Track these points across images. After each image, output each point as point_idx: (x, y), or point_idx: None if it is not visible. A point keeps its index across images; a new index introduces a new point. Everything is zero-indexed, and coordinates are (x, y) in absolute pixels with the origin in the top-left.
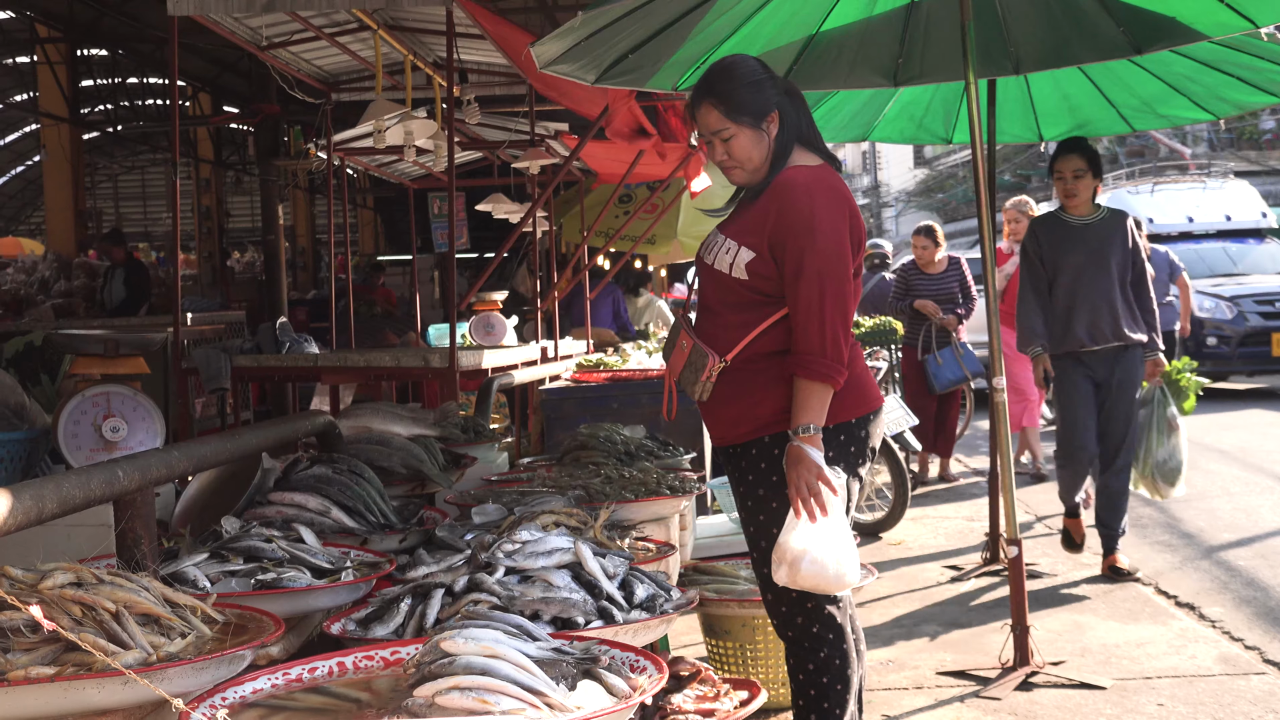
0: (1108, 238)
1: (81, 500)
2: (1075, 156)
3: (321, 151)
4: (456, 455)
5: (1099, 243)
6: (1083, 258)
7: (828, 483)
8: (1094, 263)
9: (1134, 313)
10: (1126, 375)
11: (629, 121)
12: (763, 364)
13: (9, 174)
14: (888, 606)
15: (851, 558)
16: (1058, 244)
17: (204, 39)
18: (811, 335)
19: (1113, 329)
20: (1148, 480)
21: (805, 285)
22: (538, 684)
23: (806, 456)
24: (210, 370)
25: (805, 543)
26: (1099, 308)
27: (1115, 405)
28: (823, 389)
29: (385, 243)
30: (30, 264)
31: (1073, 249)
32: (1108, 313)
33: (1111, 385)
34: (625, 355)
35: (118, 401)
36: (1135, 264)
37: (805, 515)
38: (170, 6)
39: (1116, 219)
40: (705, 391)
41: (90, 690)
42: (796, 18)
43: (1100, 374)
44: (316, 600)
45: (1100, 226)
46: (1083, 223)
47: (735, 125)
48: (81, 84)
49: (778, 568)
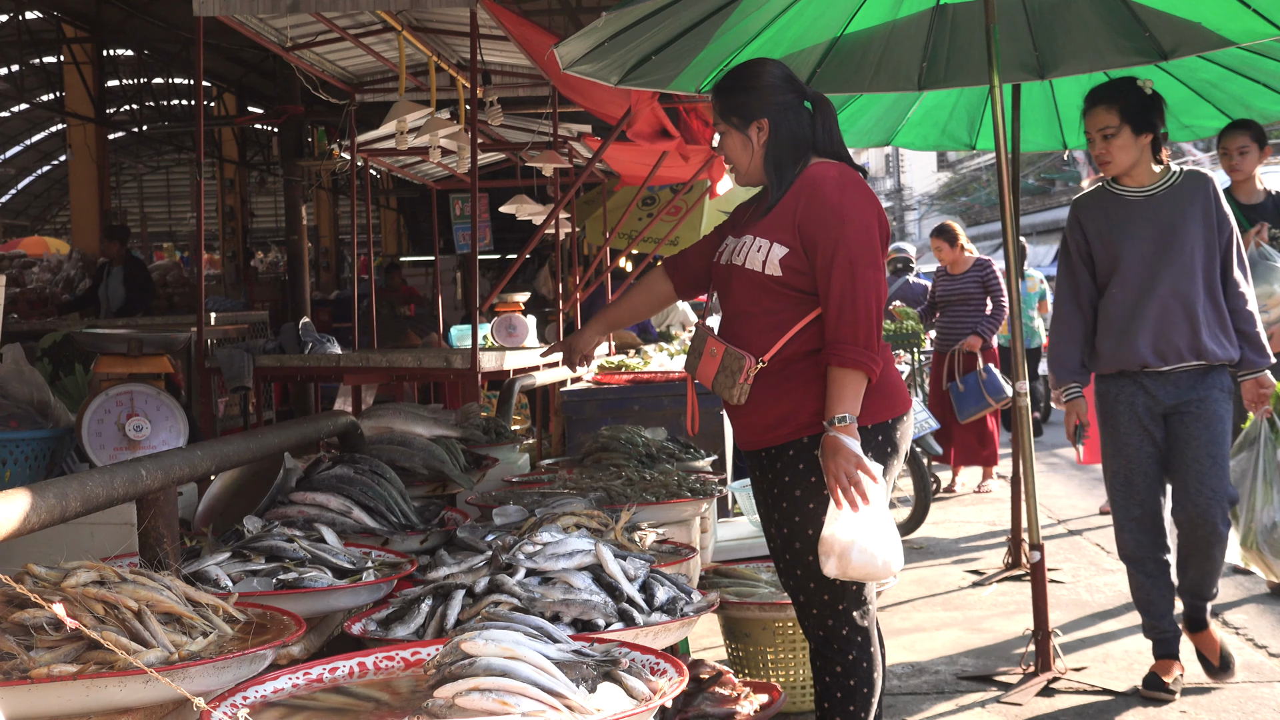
0: (1183, 212)
1: (105, 499)
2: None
3: (345, 152)
4: (478, 456)
5: (1171, 220)
6: (1148, 243)
7: (867, 471)
8: (1165, 248)
9: (1222, 317)
10: (1208, 405)
11: (651, 123)
12: (801, 364)
13: (35, 174)
14: (908, 610)
15: (896, 545)
16: (1112, 227)
17: (229, 39)
18: (844, 324)
19: (1190, 343)
20: (1254, 554)
21: (838, 275)
22: (558, 686)
23: (844, 446)
24: (233, 370)
25: (853, 533)
26: (1172, 312)
27: (1190, 430)
28: (857, 377)
29: (408, 243)
30: (55, 263)
31: (1133, 231)
32: (1184, 319)
33: (1186, 414)
34: (647, 357)
35: (141, 400)
36: (1224, 247)
37: (848, 505)
38: (196, 7)
39: (1193, 185)
40: (743, 394)
41: (112, 688)
42: (821, 20)
43: (1168, 402)
44: (338, 600)
45: (1170, 198)
46: (1144, 194)
47: (724, 124)
48: (107, 84)
49: (826, 560)
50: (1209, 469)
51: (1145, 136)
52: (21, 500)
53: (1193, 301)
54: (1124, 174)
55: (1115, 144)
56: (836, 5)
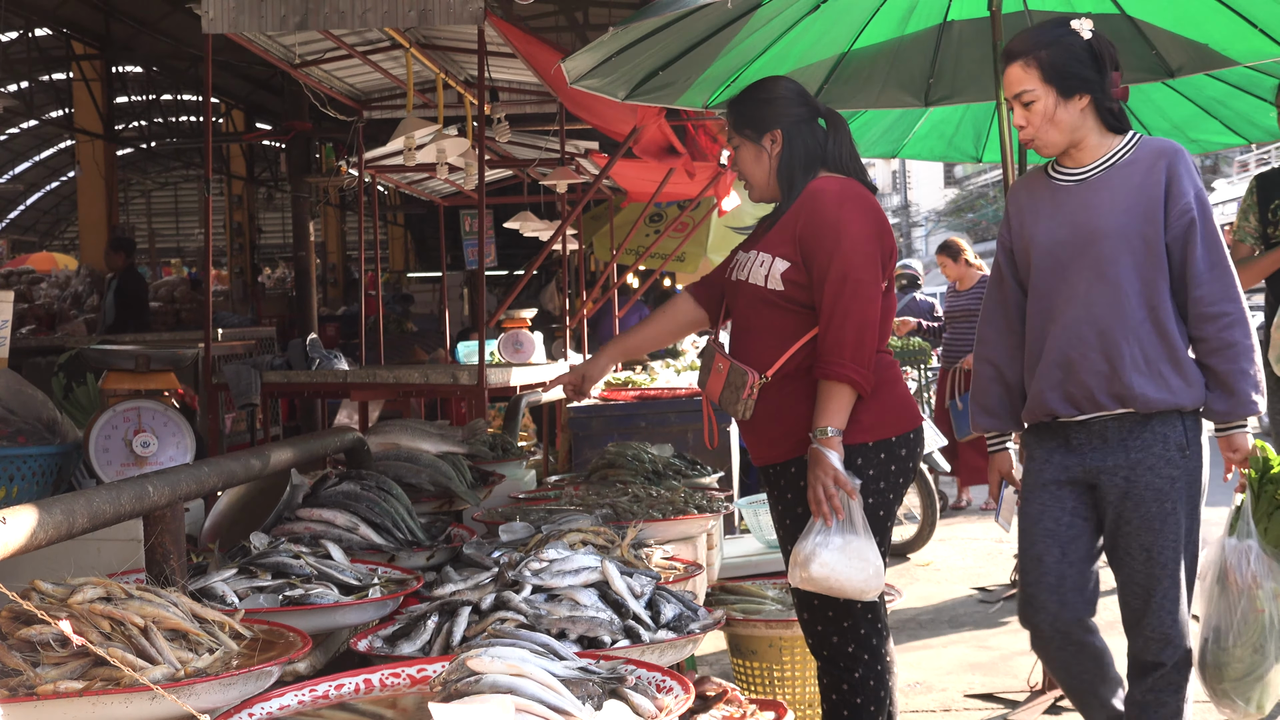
0: (1114, 199)
1: (111, 515)
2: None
3: (353, 168)
4: (484, 473)
5: (1095, 212)
6: (1062, 246)
7: (844, 485)
8: (1080, 251)
9: (1170, 345)
10: (1140, 476)
11: (658, 140)
12: (804, 380)
13: (44, 190)
14: (915, 628)
15: (872, 565)
16: (1026, 224)
17: (238, 56)
18: (832, 336)
19: (1107, 383)
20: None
21: (830, 288)
22: (564, 703)
23: (825, 459)
24: (240, 386)
25: (818, 544)
26: (1083, 340)
27: (1122, 516)
28: (843, 391)
29: (415, 259)
30: (64, 279)
31: (1047, 230)
32: (1098, 350)
33: (1111, 489)
34: (653, 373)
35: (148, 416)
36: (1179, 246)
37: (822, 519)
38: (205, 24)
39: (1145, 159)
40: (748, 410)
41: (118, 705)
42: (828, 36)
43: (1093, 468)
44: (344, 617)
45: (1105, 182)
46: (1074, 178)
47: (739, 137)
48: (116, 101)
49: (791, 569)
50: (1147, 581)
51: (1079, 99)
52: (29, 516)
53: (1111, 325)
54: (1063, 153)
55: (1036, 113)
56: (843, 21)
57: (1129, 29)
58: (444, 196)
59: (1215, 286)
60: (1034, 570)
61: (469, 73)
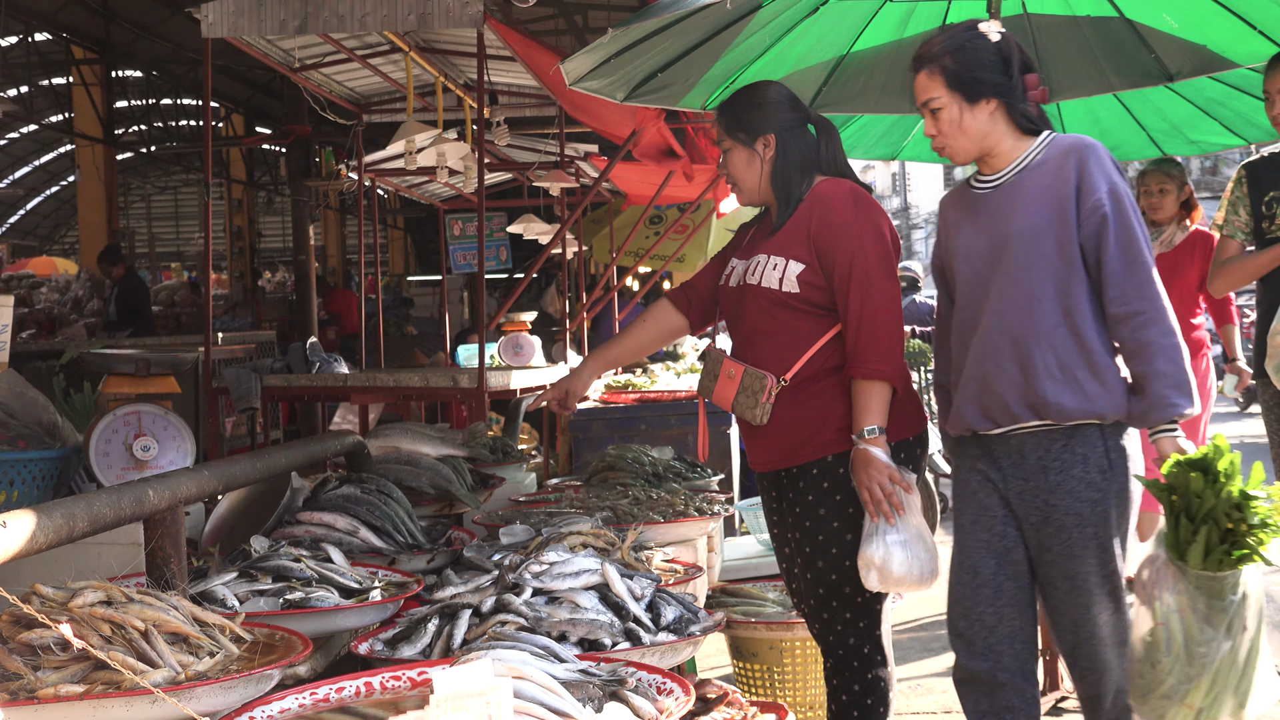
0: (1025, 203)
1: (112, 519)
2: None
3: (352, 172)
4: (485, 476)
5: (1006, 217)
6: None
7: (900, 481)
8: (995, 260)
9: (1089, 351)
10: (1059, 499)
11: (657, 142)
12: (823, 382)
13: (44, 194)
14: (915, 630)
15: (934, 553)
16: (949, 237)
17: (237, 61)
18: (865, 336)
19: (1021, 393)
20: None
21: (856, 288)
22: (564, 705)
23: (875, 459)
24: (240, 390)
25: (892, 544)
26: (997, 350)
27: (1044, 544)
28: (882, 389)
29: (415, 263)
30: (64, 283)
31: (965, 240)
32: (1012, 359)
33: (1035, 519)
34: (653, 376)
35: (149, 420)
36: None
37: (884, 518)
38: (204, 28)
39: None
40: (765, 414)
41: (119, 709)
42: (827, 39)
43: (1014, 488)
44: (344, 620)
45: (1017, 186)
46: (990, 185)
47: (730, 140)
48: (116, 105)
49: (867, 574)
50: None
51: (986, 104)
52: (29, 521)
53: (1024, 333)
54: (981, 161)
55: (944, 120)
56: (842, 24)
57: (1127, 32)
58: (444, 200)
59: (1128, 285)
60: (974, 587)
61: (468, 76)
